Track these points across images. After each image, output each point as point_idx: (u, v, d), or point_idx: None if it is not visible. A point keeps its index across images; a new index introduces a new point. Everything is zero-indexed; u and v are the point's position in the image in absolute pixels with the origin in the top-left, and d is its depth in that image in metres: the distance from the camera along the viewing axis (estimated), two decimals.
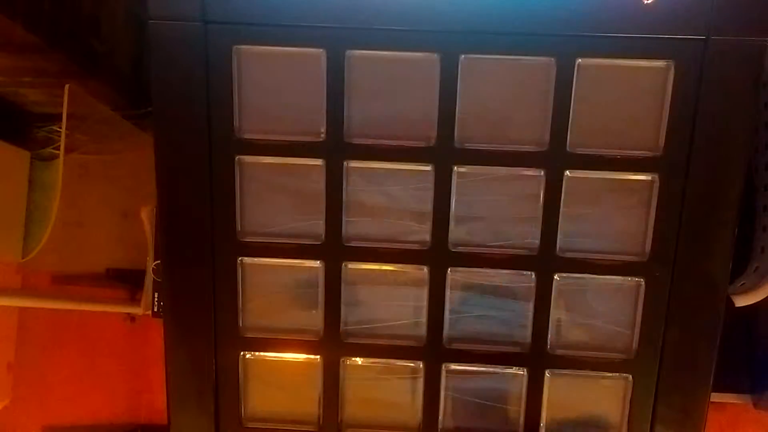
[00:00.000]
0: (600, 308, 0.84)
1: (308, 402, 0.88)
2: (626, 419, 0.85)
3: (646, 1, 0.73)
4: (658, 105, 0.77)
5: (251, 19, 0.77)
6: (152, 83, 0.79)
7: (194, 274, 0.83)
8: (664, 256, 0.79)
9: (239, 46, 0.78)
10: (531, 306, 0.83)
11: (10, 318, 1.76)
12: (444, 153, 0.79)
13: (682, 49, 0.74)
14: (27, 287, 1.77)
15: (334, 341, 0.85)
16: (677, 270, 0.79)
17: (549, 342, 0.84)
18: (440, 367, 0.85)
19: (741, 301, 0.92)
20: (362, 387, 0.88)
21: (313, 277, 0.84)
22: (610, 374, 0.85)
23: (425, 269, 0.83)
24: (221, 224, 0.82)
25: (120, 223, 1.70)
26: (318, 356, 0.86)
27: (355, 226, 0.83)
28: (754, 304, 0.94)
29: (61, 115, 1.34)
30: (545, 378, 0.85)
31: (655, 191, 0.78)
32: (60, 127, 1.38)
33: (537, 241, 0.81)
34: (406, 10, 0.75)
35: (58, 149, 1.42)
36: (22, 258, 1.64)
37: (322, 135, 0.79)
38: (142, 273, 1.43)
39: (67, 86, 1.31)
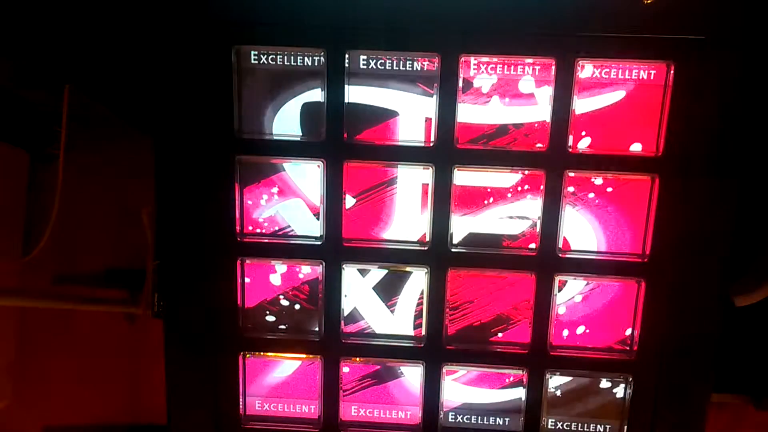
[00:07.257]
0: (600, 309, 0.84)
1: (308, 402, 0.88)
2: (626, 419, 0.85)
3: (646, 1, 0.73)
4: (658, 105, 0.77)
5: (251, 19, 0.77)
6: (152, 83, 0.79)
7: (194, 274, 0.83)
8: (664, 256, 0.79)
9: (239, 46, 0.78)
10: (531, 306, 0.83)
11: (10, 318, 1.76)
12: (444, 153, 0.79)
13: (682, 49, 0.74)
14: (27, 287, 1.76)
15: (334, 341, 0.85)
16: (677, 270, 0.79)
17: (549, 342, 0.84)
18: (440, 367, 0.85)
19: (741, 301, 0.92)
20: (362, 387, 0.88)
21: (313, 277, 0.84)
22: (610, 374, 0.85)
23: (426, 269, 0.83)
24: (221, 224, 0.82)
25: (120, 223, 1.70)
26: (318, 356, 0.86)
27: (355, 226, 0.83)
28: (754, 304, 0.93)
29: (61, 115, 1.33)
30: (545, 378, 0.85)
31: (655, 191, 0.78)
32: (60, 127, 1.38)
33: (537, 241, 0.81)
34: (406, 10, 0.75)
35: (58, 149, 1.42)
36: (22, 258, 1.64)
37: (322, 135, 0.79)
38: (142, 273, 1.43)
39: (67, 86, 1.31)
